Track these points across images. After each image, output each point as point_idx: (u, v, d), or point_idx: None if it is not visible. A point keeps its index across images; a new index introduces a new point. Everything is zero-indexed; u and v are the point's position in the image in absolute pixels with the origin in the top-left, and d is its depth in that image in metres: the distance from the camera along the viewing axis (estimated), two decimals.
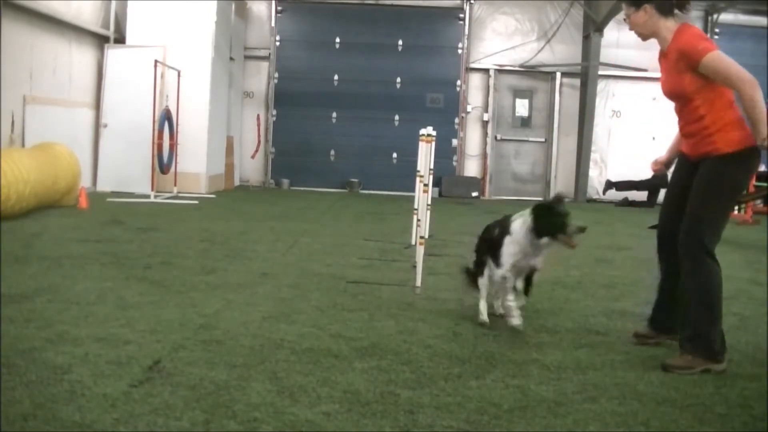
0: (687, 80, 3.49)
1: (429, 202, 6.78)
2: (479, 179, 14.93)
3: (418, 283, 5.01)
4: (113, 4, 12.06)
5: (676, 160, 3.89)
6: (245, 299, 4.43)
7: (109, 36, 11.90)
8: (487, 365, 3.33)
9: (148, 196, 10.41)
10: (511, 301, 3.88)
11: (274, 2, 14.71)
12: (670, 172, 3.95)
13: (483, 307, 4.10)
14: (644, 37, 3.68)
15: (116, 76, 11.53)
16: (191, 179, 11.75)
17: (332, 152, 14.87)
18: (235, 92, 13.92)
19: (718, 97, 3.47)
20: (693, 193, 3.52)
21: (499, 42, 14.88)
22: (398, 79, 14.79)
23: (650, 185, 13.68)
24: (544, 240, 3.76)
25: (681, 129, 3.76)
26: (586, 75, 14.43)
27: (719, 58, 3.38)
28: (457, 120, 14.81)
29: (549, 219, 3.75)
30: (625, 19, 3.75)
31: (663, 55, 3.65)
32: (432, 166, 5.86)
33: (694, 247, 3.45)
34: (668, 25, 3.58)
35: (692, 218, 3.48)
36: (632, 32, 3.68)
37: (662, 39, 3.60)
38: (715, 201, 3.48)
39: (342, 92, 14.77)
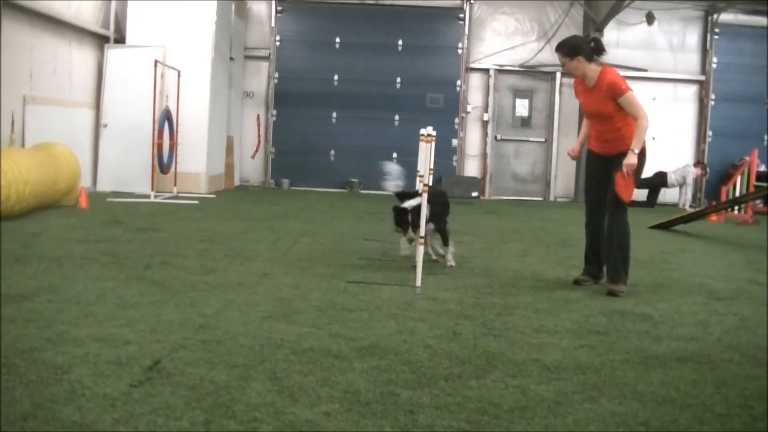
0: (611, 106, 5.08)
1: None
2: (479, 179, 14.93)
3: (418, 283, 5.01)
4: (113, 4, 12.06)
5: (586, 158, 5.49)
6: (245, 299, 4.43)
7: (109, 36, 11.90)
8: (487, 365, 3.33)
9: (148, 196, 10.41)
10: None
11: (274, 2, 14.71)
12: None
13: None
14: (576, 74, 5.26)
15: (116, 76, 11.53)
16: (191, 179, 11.75)
17: (332, 152, 14.88)
18: (235, 92, 13.92)
19: (627, 117, 5.09)
20: (616, 176, 5.09)
21: (499, 42, 14.89)
22: (398, 79, 14.79)
23: (650, 184, 13.68)
24: None
25: (599, 135, 5.29)
26: None
27: (633, 97, 5.05)
28: (457, 120, 14.81)
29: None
30: (562, 65, 5.23)
31: (589, 88, 5.21)
32: (432, 166, 5.85)
33: (619, 208, 5.14)
34: (593, 67, 5.17)
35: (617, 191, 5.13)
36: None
37: (589, 78, 5.19)
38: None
39: (342, 92, 14.78)
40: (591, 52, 5.17)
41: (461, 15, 14.76)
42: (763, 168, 13.62)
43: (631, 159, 4.97)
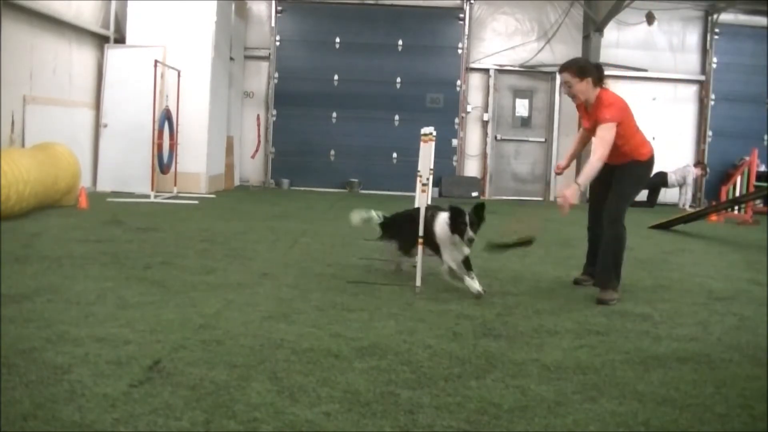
0: None
1: (429, 202, 6.77)
2: (479, 179, 14.94)
3: (418, 283, 5.01)
4: (113, 4, 12.06)
5: None
6: (245, 299, 4.43)
7: (109, 36, 11.90)
8: (487, 365, 3.33)
9: (148, 196, 10.41)
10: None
11: (274, 2, 14.72)
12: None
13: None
14: (576, 101, 5.06)
15: (116, 76, 11.54)
16: (191, 179, 11.75)
17: (332, 152, 14.88)
18: (235, 92, 13.92)
19: (628, 131, 4.95)
20: (617, 184, 5.00)
21: (499, 42, 14.89)
22: (398, 79, 14.79)
23: (651, 184, 13.68)
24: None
25: None
26: None
27: (606, 128, 4.82)
28: (457, 120, 14.82)
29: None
30: (570, 86, 4.98)
31: (587, 109, 5.09)
32: (432, 166, 5.85)
33: (617, 216, 4.97)
34: (596, 91, 5.01)
35: (617, 199, 4.99)
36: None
37: (588, 100, 5.02)
38: (631, 188, 5.07)
39: (342, 92, 14.78)
40: (597, 77, 4.99)
41: (461, 15, 14.76)
42: (763, 168, 13.63)
43: (571, 193, 4.71)
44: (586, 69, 4.98)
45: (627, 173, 4.99)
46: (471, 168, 15.03)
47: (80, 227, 7.29)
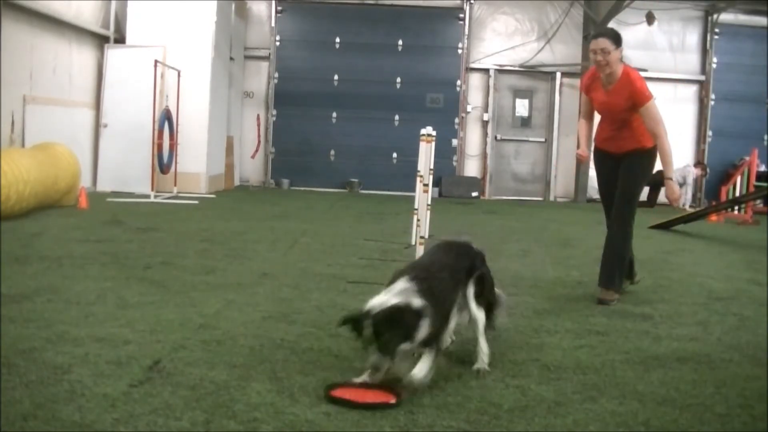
0: (632, 110, 4.71)
1: (429, 202, 6.79)
2: (479, 179, 14.93)
3: None
4: (113, 4, 12.06)
5: (595, 158, 5.19)
6: (245, 299, 4.43)
7: (109, 36, 11.90)
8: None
9: (148, 196, 10.41)
10: None
11: (274, 2, 14.71)
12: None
13: None
14: (608, 69, 4.67)
15: (116, 76, 11.54)
16: (191, 179, 11.75)
17: (332, 152, 14.88)
18: (235, 92, 13.92)
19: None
20: (623, 183, 4.85)
21: (499, 42, 14.88)
22: (398, 79, 14.79)
23: (651, 183, 13.67)
24: None
25: (614, 135, 4.90)
26: None
27: (652, 106, 4.66)
28: (457, 120, 14.81)
29: None
30: (607, 54, 4.60)
31: (605, 86, 4.77)
32: (432, 166, 5.86)
33: (626, 217, 4.85)
34: (621, 65, 4.74)
35: (625, 200, 4.85)
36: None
37: (612, 74, 4.71)
38: (637, 187, 4.91)
39: (342, 92, 14.78)
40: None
41: (461, 15, 14.76)
42: (763, 168, 13.62)
43: (673, 190, 4.80)
44: (620, 38, 4.70)
45: (632, 169, 4.84)
46: (471, 168, 15.03)
47: (80, 227, 7.29)
